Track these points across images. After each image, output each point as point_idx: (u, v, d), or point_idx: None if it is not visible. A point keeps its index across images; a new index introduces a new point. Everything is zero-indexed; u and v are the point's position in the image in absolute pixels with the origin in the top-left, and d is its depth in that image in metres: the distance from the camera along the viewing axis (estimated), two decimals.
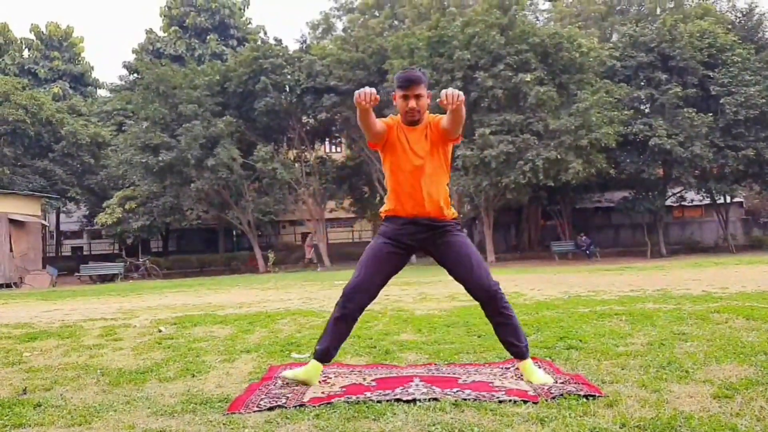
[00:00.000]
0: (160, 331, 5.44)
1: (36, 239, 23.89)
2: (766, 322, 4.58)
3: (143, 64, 28.28)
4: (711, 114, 21.36)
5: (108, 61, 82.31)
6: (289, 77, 24.33)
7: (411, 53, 21.22)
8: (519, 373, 3.20)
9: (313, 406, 2.69)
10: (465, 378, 3.17)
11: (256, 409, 2.71)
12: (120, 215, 25.33)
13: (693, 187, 23.42)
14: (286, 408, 2.69)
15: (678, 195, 25.94)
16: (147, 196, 25.33)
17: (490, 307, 3.15)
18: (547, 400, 2.68)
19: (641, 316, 5.17)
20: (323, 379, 3.21)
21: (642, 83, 22.79)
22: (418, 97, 3.08)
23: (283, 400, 2.81)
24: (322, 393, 2.94)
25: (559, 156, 19.19)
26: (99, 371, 3.73)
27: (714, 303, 5.94)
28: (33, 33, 39.49)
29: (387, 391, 2.89)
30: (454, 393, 2.82)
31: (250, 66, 24.02)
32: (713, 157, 21.24)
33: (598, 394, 2.72)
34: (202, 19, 37.00)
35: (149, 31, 37.75)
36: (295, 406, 2.71)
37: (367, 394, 2.85)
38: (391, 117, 3.21)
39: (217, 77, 24.88)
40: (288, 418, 2.56)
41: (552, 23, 27.28)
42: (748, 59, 22.01)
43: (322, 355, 3.17)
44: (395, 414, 2.55)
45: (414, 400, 2.72)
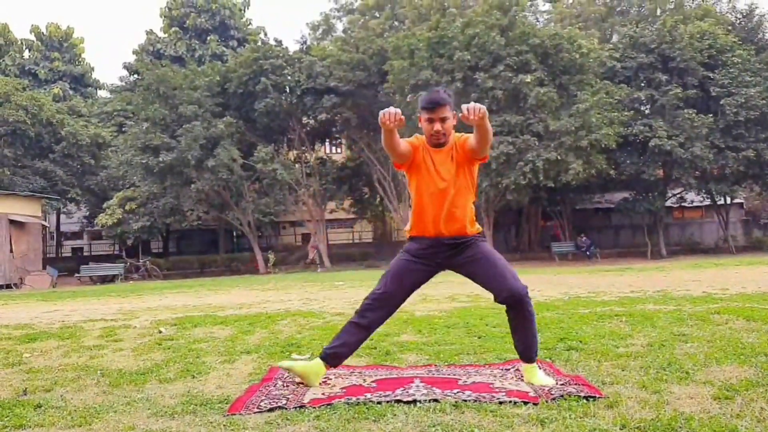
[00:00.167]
0: (160, 332, 5.44)
1: (36, 240, 23.89)
2: (766, 323, 4.58)
3: (143, 65, 28.30)
4: (711, 115, 21.36)
5: (108, 62, 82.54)
6: (289, 78, 24.32)
7: (411, 54, 21.22)
8: (519, 374, 3.21)
9: (314, 408, 2.69)
10: (465, 379, 3.17)
11: (256, 410, 2.71)
12: (120, 216, 25.33)
13: (693, 188, 23.41)
14: (287, 409, 2.70)
15: (678, 196, 25.90)
16: (147, 197, 25.33)
17: (516, 310, 3.10)
18: (547, 402, 2.68)
19: (641, 317, 5.17)
20: (323, 380, 3.20)
21: (642, 84, 22.79)
22: (443, 119, 3.04)
23: (284, 402, 2.82)
24: (323, 394, 2.94)
25: (559, 157, 19.19)
26: (99, 372, 3.74)
27: (714, 304, 5.94)
28: (33, 34, 39.50)
29: (387, 393, 2.89)
30: (455, 394, 2.82)
31: (251, 67, 24.02)
32: (713, 158, 21.24)
33: (598, 396, 2.72)
34: (203, 20, 37.01)
35: (149, 32, 37.77)
36: (295, 408, 2.71)
37: (368, 396, 2.86)
38: (416, 137, 3.17)
39: (218, 78, 24.90)
40: (288, 419, 2.57)
41: (552, 24, 27.28)
42: (749, 60, 22.02)
43: (328, 356, 3.18)
44: (395, 415, 2.55)
45: (414, 402, 2.72)
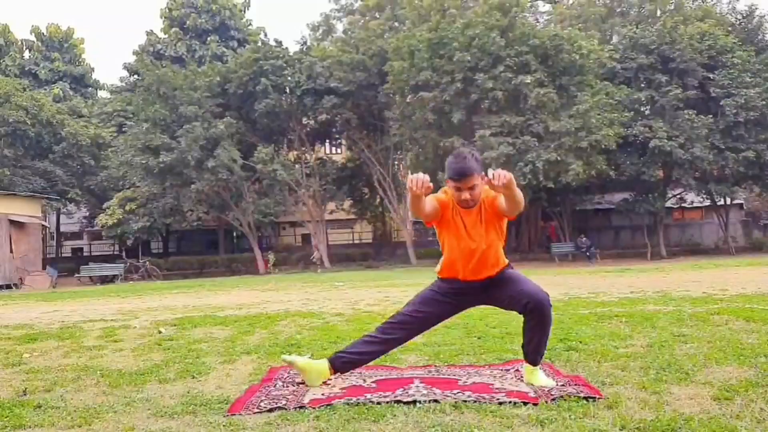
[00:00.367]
0: (160, 332, 5.44)
1: (36, 240, 23.89)
2: (766, 324, 4.58)
3: (144, 65, 28.26)
4: (711, 116, 21.36)
5: (108, 63, 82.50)
6: (289, 79, 24.34)
7: (411, 55, 21.22)
8: (519, 374, 3.21)
9: (313, 408, 2.69)
10: (465, 379, 3.17)
11: (256, 410, 2.71)
12: (120, 216, 25.34)
13: (693, 188, 23.41)
14: (286, 409, 2.70)
15: (678, 197, 25.91)
16: (147, 198, 25.34)
17: (536, 314, 3.05)
18: (547, 402, 2.68)
19: (641, 317, 5.16)
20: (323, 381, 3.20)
21: (642, 85, 22.79)
22: (471, 188, 2.98)
23: (283, 402, 2.82)
24: (322, 395, 2.94)
25: (559, 158, 19.18)
26: (99, 372, 3.74)
27: (714, 305, 5.94)
28: (34, 34, 39.50)
29: (387, 393, 2.89)
30: (455, 395, 2.82)
31: (251, 67, 24.04)
32: (713, 159, 21.22)
33: (598, 396, 2.72)
34: (203, 20, 37.01)
35: (150, 33, 37.78)
36: (295, 408, 2.71)
37: (367, 396, 2.86)
38: (445, 191, 3.10)
39: (218, 79, 24.91)
40: (288, 419, 2.57)
41: (552, 25, 27.24)
42: (748, 61, 22.01)
43: (337, 360, 3.19)
44: (395, 416, 2.55)
45: (414, 402, 2.72)
